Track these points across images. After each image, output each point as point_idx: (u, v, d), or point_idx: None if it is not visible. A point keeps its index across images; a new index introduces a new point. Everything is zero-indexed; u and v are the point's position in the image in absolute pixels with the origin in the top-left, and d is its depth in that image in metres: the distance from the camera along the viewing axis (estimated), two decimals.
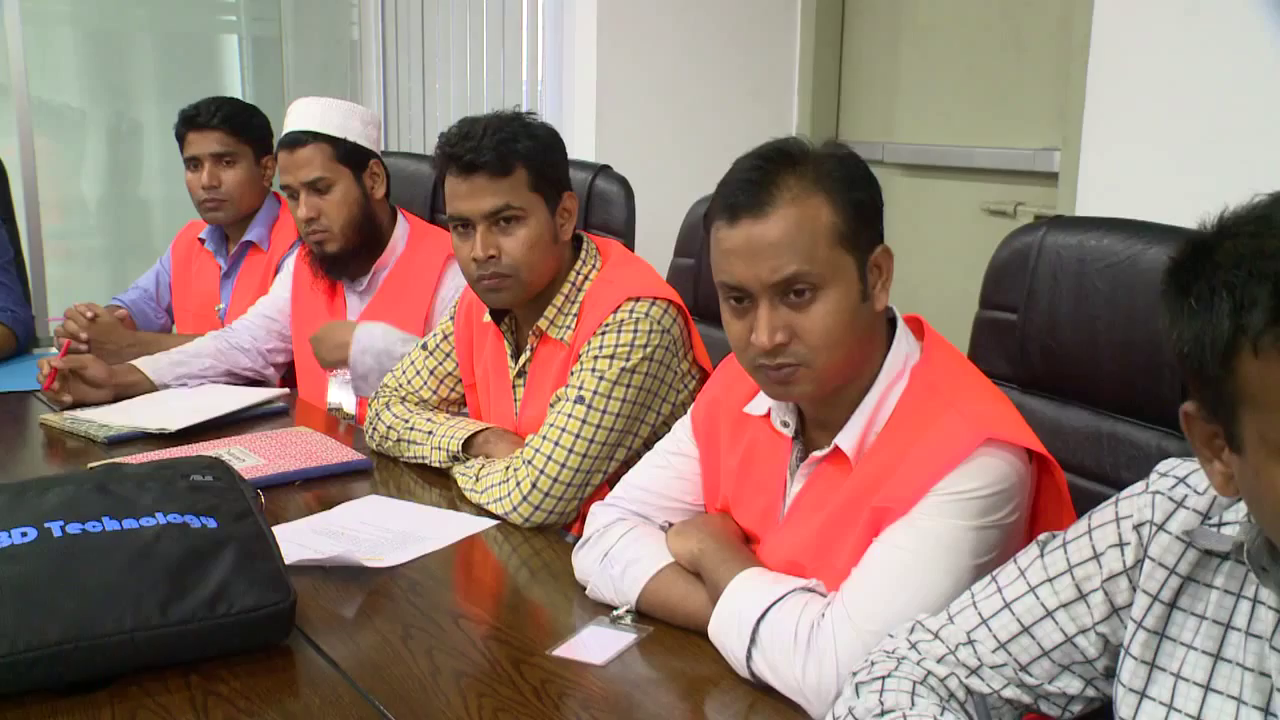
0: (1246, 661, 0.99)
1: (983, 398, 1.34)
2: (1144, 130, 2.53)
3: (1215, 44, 2.34)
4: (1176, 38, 2.43)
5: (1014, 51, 3.07)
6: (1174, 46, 2.43)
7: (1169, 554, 1.04)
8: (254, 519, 1.42)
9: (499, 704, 1.25)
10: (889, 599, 1.23)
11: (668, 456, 1.56)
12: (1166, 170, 2.51)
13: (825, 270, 1.28)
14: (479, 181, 1.77)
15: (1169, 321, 0.90)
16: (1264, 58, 2.24)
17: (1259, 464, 0.86)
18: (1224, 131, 2.33)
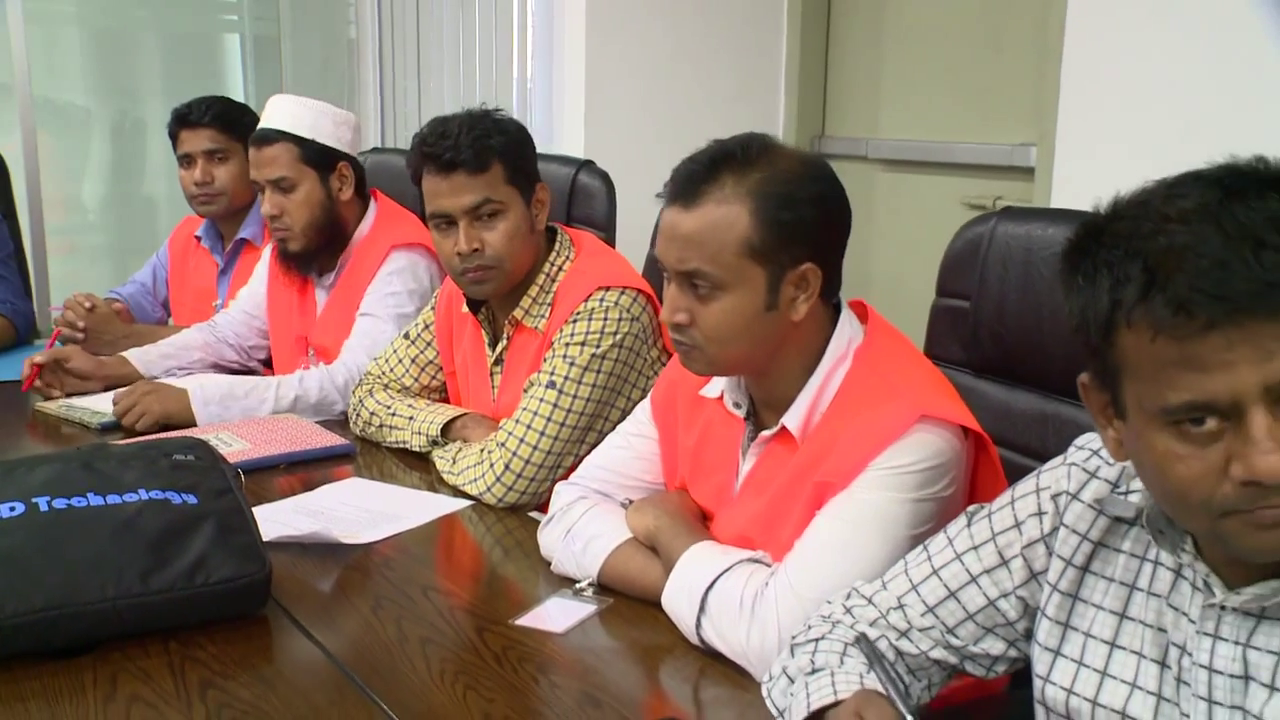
0: (1147, 619, 1.05)
1: (921, 378, 1.41)
2: (1116, 126, 2.60)
3: (1185, 42, 2.40)
4: (1147, 37, 2.49)
5: (992, 50, 3.13)
6: (1145, 45, 2.49)
7: (1082, 521, 1.11)
8: (233, 496, 1.49)
9: (460, 668, 1.32)
10: (829, 568, 1.30)
11: (628, 437, 1.63)
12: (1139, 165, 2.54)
13: (726, 275, 1.35)
14: (458, 179, 1.84)
15: (1065, 298, 0.96)
16: (1233, 56, 2.30)
17: (1139, 429, 0.93)
18: (1194, 127, 2.39)
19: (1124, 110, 2.56)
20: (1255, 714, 0.96)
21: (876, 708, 1.01)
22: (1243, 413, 0.86)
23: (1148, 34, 2.49)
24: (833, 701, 1.09)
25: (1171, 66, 2.44)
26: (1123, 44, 2.55)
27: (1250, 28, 2.25)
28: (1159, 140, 2.50)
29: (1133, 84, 2.54)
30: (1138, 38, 2.51)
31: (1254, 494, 0.87)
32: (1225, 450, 0.88)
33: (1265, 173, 0.90)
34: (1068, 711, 1.10)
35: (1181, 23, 2.42)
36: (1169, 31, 2.44)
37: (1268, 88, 2.21)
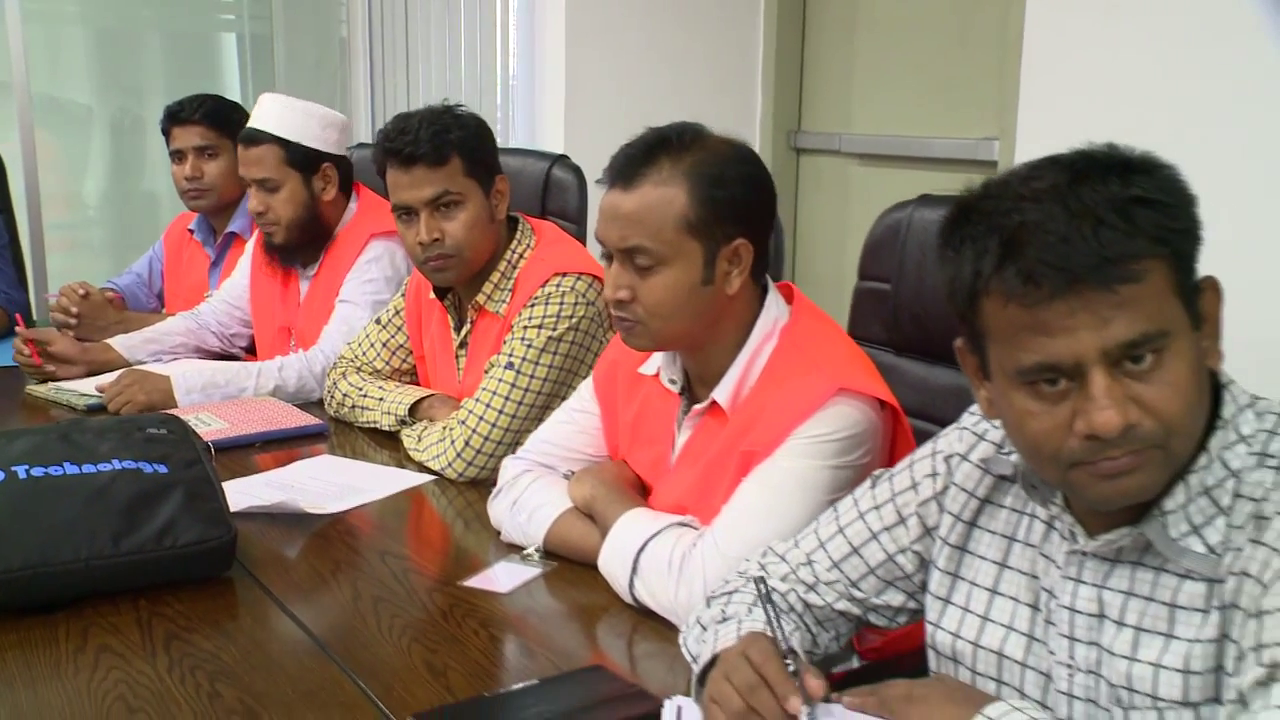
0: (1024, 567, 1.15)
1: (841, 354, 1.50)
2: (1075, 118, 2.68)
3: (1140, 36, 2.49)
4: (1103, 31, 2.58)
5: (958, 46, 3.22)
6: (1101, 39, 2.58)
7: (970, 480, 1.20)
8: (202, 467, 1.59)
9: (407, 623, 1.42)
10: (751, 530, 1.39)
11: (572, 413, 1.73)
12: None
13: (666, 250, 1.45)
14: (418, 172, 1.94)
15: (938, 269, 1.06)
16: (1182, 52, 2.39)
17: (1001, 388, 1.02)
18: (1148, 120, 2.48)
19: (1082, 103, 2.65)
20: (1106, 647, 1.05)
21: (759, 645, 1.10)
22: (1085, 373, 0.96)
23: (1104, 29, 2.58)
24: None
25: (1127, 60, 2.53)
26: (1080, 38, 2.64)
27: (1204, 22, 2.34)
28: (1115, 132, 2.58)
29: (1090, 78, 2.63)
30: (1094, 32, 2.60)
31: (1095, 447, 0.96)
32: (1071, 407, 0.97)
33: (1112, 159, 1.00)
34: (954, 654, 1.19)
35: (1136, 17, 2.51)
36: (1124, 26, 2.53)
37: (1220, 79, 2.30)
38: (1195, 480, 1.01)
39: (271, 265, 2.61)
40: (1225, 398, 1.04)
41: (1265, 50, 2.21)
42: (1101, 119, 2.61)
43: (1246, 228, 2.20)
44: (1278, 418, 1.03)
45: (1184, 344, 0.97)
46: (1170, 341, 0.96)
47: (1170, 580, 1.03)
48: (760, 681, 1.04)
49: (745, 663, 1.07)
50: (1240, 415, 1.03)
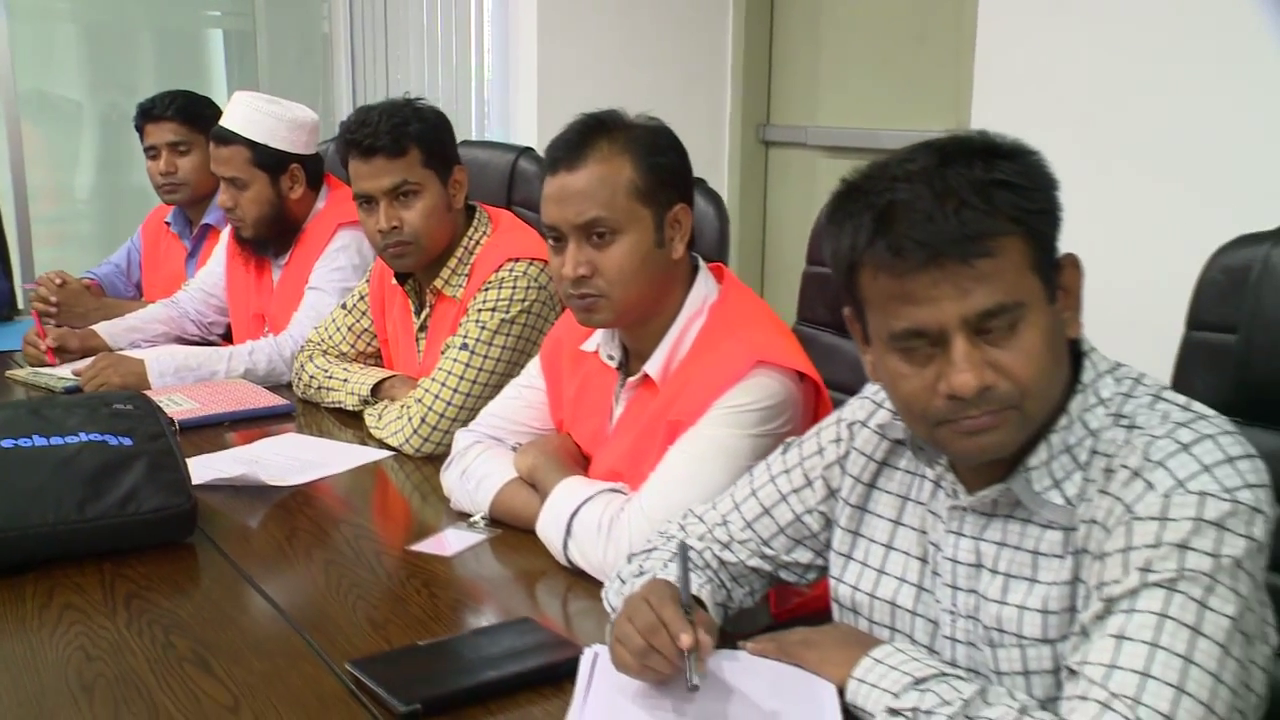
0: (914, 524, 1.24)
1: (764, 329, 1.59)
2: (1026, 111, 2.78)
3: (1083, 33, 2.58)
4: (1054, 26, 2.67)
5: (917, 41, 3.31)
6: (1051, 34, 2.68)
7: (869, 444, 1.30)
8: (166, 440, 1.68)
9: (354, 583, 1.52)
10: (675, 494, 1.49)
11: (519, 389, 1.82)
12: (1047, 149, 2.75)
13: (622, 218, 1.54)
14: (378, 163, 2.03)
15: (825, 243, 1.15)
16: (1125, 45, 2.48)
17: (879, 353, 1.12)
18: (1095, 113, 2.58)
19: (1033, 96, 2.74)
20: (982, 593, 1.15)
21: (659, 590, 1.20)
22: (948, 339, 1.05)
23: (1054, 23, 2.67)
24: None
25: (1073, 54, 2.62)
26: (1030, 33, 2.73)
27: (1146, 15, 2.44)
28: (1062, 122, 2.69)
29: (1039, 71, 2.72)
30: (1043, 27, 2.69)
31: (957, 406, 1.06)
32: (937, 370, 1.06)
33: (978, 144, 1.09)
34: (853, 606, 1.29)
35: (1081, 13, 2.60)
36: (1071, 21, 2.62)
37: (1166, 71, 2.39)
38: (1057, 439, 1.10)
39: (245, 255, 2.70)
40: (1085, 364, 1.13)
41: (1209, 39, 2.31)
42: (1050, 110, 2.71)
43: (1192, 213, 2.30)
44: (1134, 382, 1.13)
45: (1040, 315, 1.06)
46: (1026, 312, 1.05)
47: (1035, 530, 1.12)
48: (657, 621, 1.13)
49: (646, 605, 1.16)
50: (1100, 380, 1.13)
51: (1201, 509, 1.00)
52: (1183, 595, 0.99)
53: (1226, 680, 0.98)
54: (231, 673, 1.28)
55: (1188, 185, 2.36)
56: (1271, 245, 1.41)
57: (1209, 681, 0.97)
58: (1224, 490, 1.01)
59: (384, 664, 1.26)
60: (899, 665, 1.13)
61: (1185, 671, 0.97)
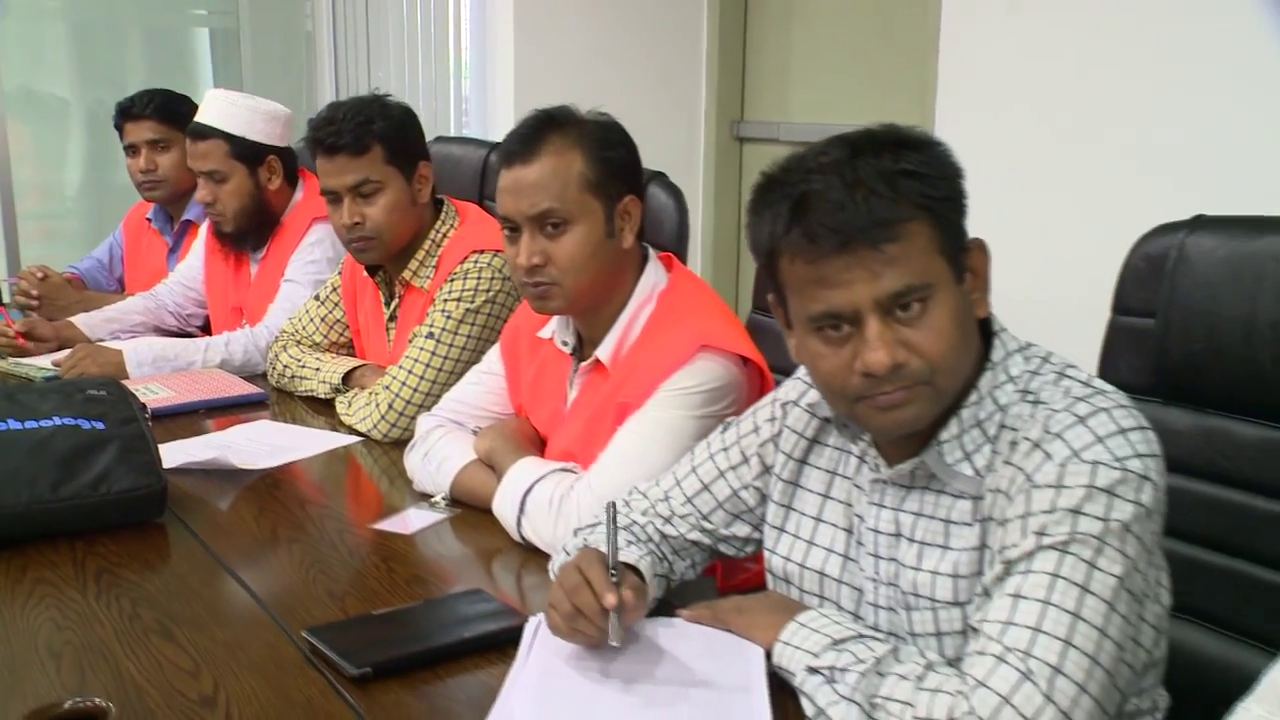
0: (841, 497, 1.31)
1: (710, 316, 1.66)
2: (986, 106, 2.85)
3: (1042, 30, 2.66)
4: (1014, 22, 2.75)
5: (885, 38, 3.39)
6: (1012, 30, 2.75)
7: (800, 423, 1.36)
8: (138, 424, 1.75)
9: (316, 558, 1.59)
10: (623, 473, 1.55)
11: (480, 375, 1.89)
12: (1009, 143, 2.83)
13: (574, 209, 1.61)
14: (340, 160, 2.10)
15: (748, 232, 1.22)
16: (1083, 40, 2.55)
17: (800, 335, 1.19)
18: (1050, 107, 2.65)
19: (994, 92, 2.82)
20: (900, 561, 1.22)
21: (588, 556, 1.26)
22: (861, 320, 1.12)
23: (1015, 19, 2.75)
24: None
25: (1032, 51, 2.69)
26: (992, 28, 2.81)
27: (1102, 13, 2.51)
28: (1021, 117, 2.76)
29: (1000, 67, 2.80)
30: (1004, 25, 2.77)
31: (871, 383, 1.13)
32: (852, 349, 1.13)
33: (887, 136, 1.16)
34: (785, 576, 1.36)
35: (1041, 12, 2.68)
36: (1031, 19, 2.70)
37: (1123, 68, 2.47)
38: (968, 414, 1.17)
39: (224, 249, 2.77)
40: (996, 343, 1.20)
41: (1166, 34, 2.38)
42: (1010, 102, 2.78)
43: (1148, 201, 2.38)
44: (1041, 360, 1.20)
45: (947, 295, 1.13)
46: (934, 293, 1.12)
47: (947, 500, 1.19)
48: (584, 583, 1.20)
49: (575, 570, 1.23)
50: (1010, 358, 1.20)
51: (1093, 477, 1.07)
52: (1074, 557, 1.06)
53: (1112, 634, 1.05)
54: (194, 641, 1.34)
55: (1142, 172, 2.44)
56: (1186, 234, 1.48)
57: (1095, 635, 1.04)
58: (1115, 459, 1.08)
59: (339, 631, 1.33)
60: (821, 628, 1.20)
61: (1073, 626, 1.04)
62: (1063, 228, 2.64)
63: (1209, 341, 1.44)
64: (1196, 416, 1.47)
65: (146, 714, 1.19)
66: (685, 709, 1.14)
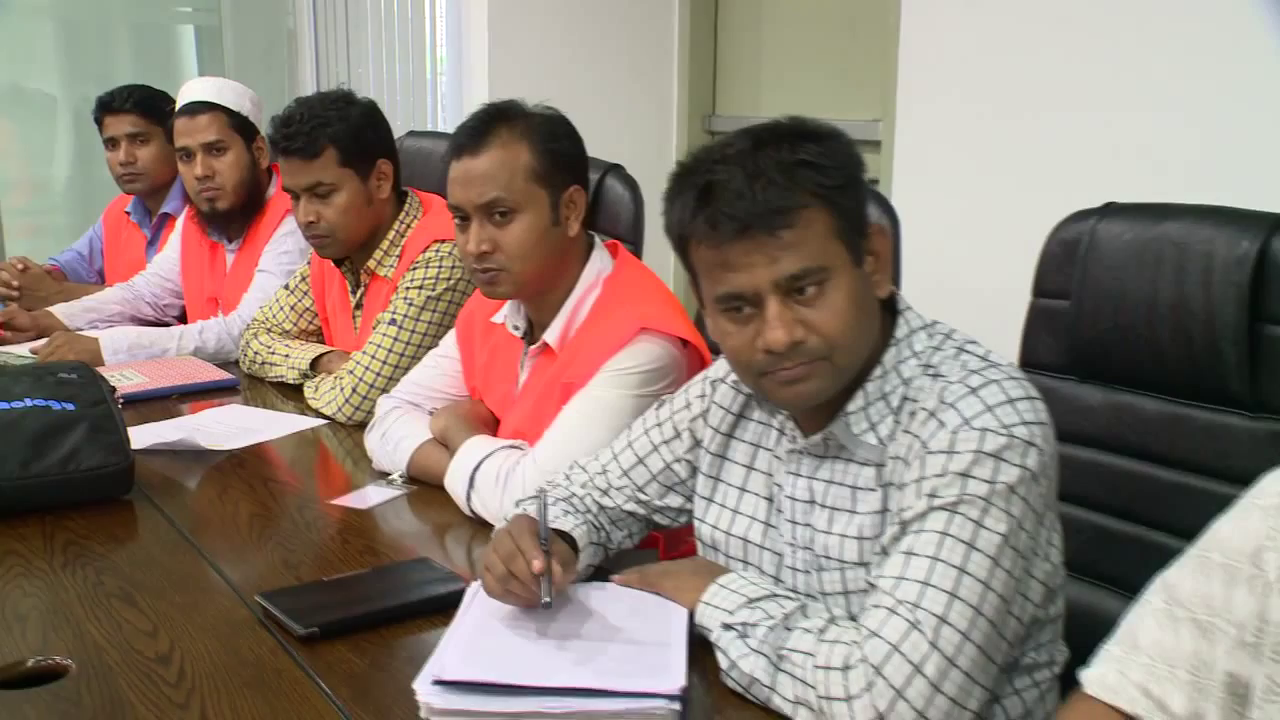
0: (764, 468, 1.39)
1: (652, 300, 1.74)
2: (943, 102, 2.94)
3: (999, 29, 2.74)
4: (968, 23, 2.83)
5: (849, 34, 3.47)
6: (966, 26, 2.83)
7: (726, 398, 1.44)
8: (107, 406, 1.83)
9: (274, 531, 1.67)
10: (564, 449, 1.63)
11: (437, 359, 1.97)
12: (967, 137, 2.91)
13: (520, 198, 1.69)
14: (295, 163, 2.18)
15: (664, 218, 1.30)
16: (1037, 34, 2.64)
17: (712, 315, 1.26)
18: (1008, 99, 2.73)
19: (953, 87, 2.90)
20: (814, 526, 1.30)
21: (520, 523, 1.34)
22: (762, 301, 1.20)
23: (972, 19, 2.83)
24: None
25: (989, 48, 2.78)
26: (949, 24, 2.89)
27: (1061, 8, 2.59)
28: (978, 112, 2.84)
29: (957, 64, 2.88)
30: (962, 20, 2.85)
31: (773, 359, 1.21)
32: (756, 328, 1.21)
33: (788, 129, 1.24)
34: (713, 543, 1.43)
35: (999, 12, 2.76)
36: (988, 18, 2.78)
37: (1076, 61, 2.55)
38: (873, 388, 1.26)
39: (200, 241, 2.85)
40: (900, 321, 1.28)
41: (1122, 30, 2.46)
42: (966, 97, 2.87)
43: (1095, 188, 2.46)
44: (944, 337, 1.28)
45: (845, 277, 1.21)
46: (831, 275, 1.20)
47: (854, 468, 1.27)
48: (515, 549, 1.28)
49: (507, 536, 1.31)
50: (914, 335, 1.28)
51: (981, 443, 1.16)
52: (961, 516, 1.14)
53: (995, 588, 1.13)
54: (154, 605, 1.42)
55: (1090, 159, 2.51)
56: (1097, 220, 1.57)
57: (979, 588, 1.12)
58: (1002, 427, 1.16)
59: (290, 596, 1.41)
60: (738, 589, 1.29)
61: (959, 580, 1.12)
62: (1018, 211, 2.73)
63: (1116, 322, 1.52)
64: (1107, 393, 1.56)
65: (105, 670, 1.27)
66: (607, 662, 1.22)
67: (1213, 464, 1.43)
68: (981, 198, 2.85)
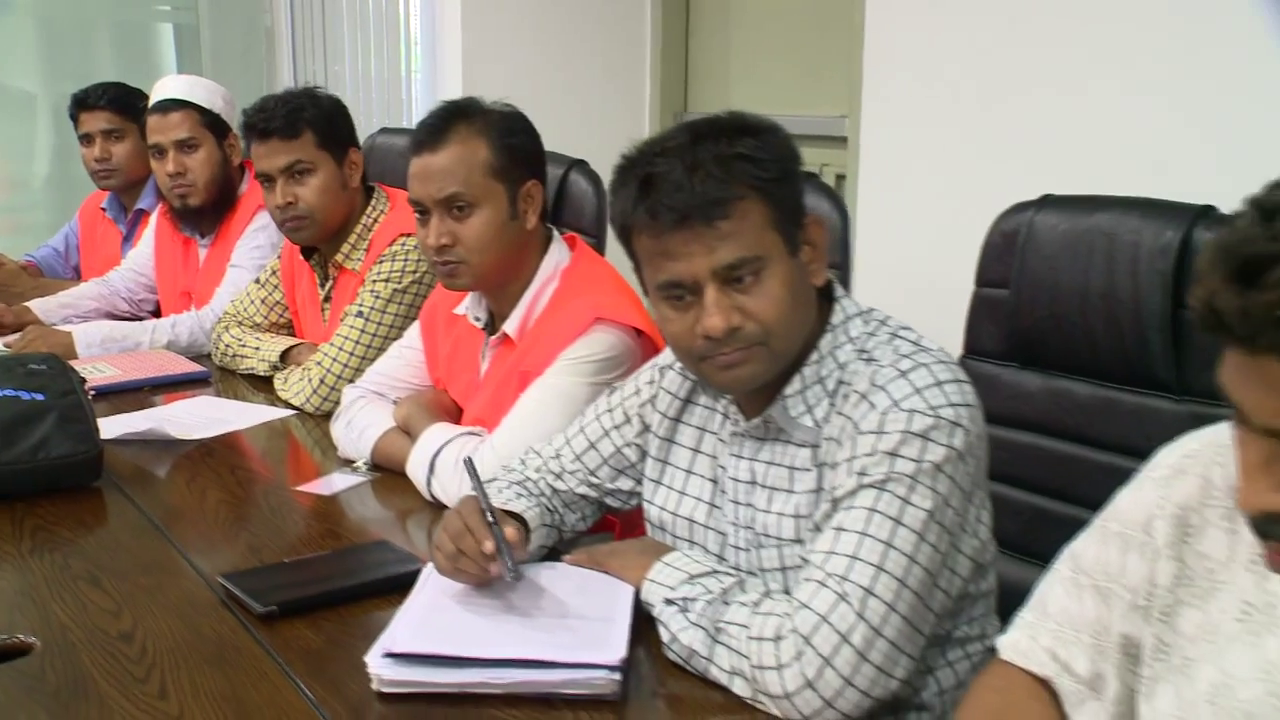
0: (709, 451, 1.44)
1: (607, 291, 1.79)
2: (909, 98, 2.99)
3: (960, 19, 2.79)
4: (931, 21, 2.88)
5: (817, 31, 3.52)
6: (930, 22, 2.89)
7: (674, 384, 1.49)
8: (76, 396, 1.87)
9: (239, 515, 1.72)
10: (520, 435, 1.68)
11: (401, 350, 2.02)
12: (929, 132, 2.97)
13: (478, 193, 1.74)
14: (274, 144, 2.22)
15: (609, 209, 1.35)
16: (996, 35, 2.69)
17: (654, 302, 1.31)
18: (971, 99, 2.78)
19: (916, 84, 2.95)
20: (754, 505, 1.35)
21: (468, 504, 1.39)
22: (701, 289, 1.25)
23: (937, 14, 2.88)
24: None
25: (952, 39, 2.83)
26: (912, 20, 2.94)
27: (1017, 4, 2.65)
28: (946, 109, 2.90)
29: (921, 60, 2.93)
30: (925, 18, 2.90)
31: (711, 345, 1.26)
32: (695, 315, 1.26)
33: (726, 123, 1.29)
34: (661, 524, 1.48)
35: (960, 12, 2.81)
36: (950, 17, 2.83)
37: (1037, 61, 2.60)
38: (810, 372, 1.31)
39: (174, 236, 2.89)
40: (836, 308, 1.34)
41: (1083, 26, 2.51)
42: (930, 97, 2.92)
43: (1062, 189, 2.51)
44: (879, 323, 1.33)
45: (781, 266, 1.26)
46: (767, 264, 1.25)
47: (792, 449, 1.32)
48: (465, 529, 1.33)
49: (456, 516, 1.36)
50: (850, 321, 1.33)
51: (909, 424, 1.21)
52: (889, 494, 1.19)
53: (921, 562, 1.18)
54: (119, 587, 1.47)
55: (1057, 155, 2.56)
56: (1035, 212, 1.62)
57: (904, 562, 1.17)
58: (929, 408, 1.21)
59: (251, 576, 1.46)
60: (681, 566, 1.33)
61: (885, 554, 1.17)
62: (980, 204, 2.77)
63: (1052, 310, 1.58)
64: (1044, 379, 1.62)
65: (69, 648, 1.31)
66: (552, 636, 1.27)
67: (1141, 445, 1.46)
68: (945, 191, 2.90)
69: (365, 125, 3.98)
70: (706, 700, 1.22)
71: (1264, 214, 0.73)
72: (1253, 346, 0.72)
